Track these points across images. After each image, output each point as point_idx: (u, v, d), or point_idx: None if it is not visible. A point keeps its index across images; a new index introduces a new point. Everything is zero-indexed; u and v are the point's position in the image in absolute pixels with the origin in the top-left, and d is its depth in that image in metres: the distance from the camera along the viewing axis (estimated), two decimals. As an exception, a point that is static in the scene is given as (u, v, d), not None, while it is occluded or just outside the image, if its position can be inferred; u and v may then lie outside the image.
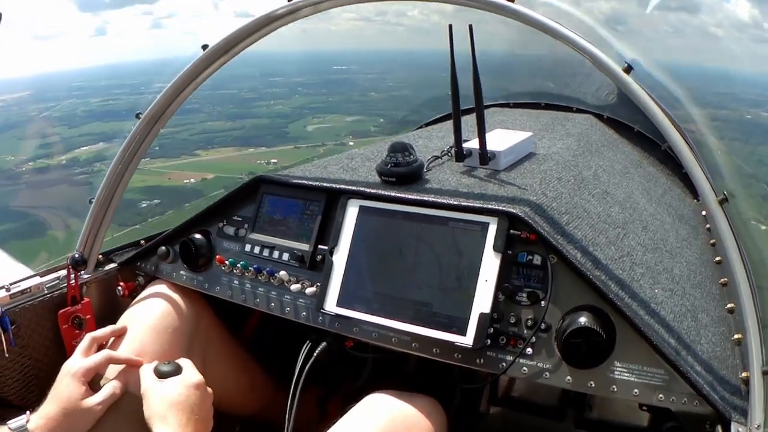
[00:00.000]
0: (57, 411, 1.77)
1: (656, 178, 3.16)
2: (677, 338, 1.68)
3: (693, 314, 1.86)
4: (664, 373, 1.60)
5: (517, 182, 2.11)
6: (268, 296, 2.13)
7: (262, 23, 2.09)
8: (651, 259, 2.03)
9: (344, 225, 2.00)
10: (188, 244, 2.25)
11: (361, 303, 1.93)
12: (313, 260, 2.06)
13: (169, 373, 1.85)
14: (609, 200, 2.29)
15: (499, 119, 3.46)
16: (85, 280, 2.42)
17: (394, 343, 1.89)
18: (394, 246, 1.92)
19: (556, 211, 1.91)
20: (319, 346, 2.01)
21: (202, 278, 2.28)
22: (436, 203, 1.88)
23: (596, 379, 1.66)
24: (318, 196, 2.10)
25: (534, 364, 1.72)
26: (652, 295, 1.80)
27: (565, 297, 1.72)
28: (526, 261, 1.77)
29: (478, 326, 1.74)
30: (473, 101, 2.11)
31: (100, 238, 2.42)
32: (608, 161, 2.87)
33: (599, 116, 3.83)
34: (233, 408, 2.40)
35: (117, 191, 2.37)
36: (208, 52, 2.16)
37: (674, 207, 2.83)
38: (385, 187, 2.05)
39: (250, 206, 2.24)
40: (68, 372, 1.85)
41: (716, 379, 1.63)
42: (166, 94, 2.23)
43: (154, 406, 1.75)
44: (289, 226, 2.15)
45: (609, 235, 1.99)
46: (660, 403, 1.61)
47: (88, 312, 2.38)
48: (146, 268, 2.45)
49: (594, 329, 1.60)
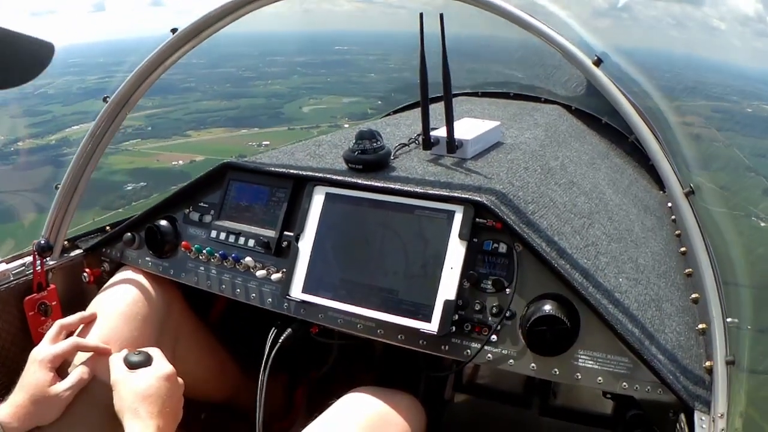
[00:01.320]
0: (25, 399, 1.75)
1: (623, 169, 3.18)
2: (641, 327, 1.69)
3: (657, 304, 1.88)
4: (628, 361, 1.61)
5: (484, 171, 2.11)
6: (233, 282, 2.12)
7: (230, 9, 2.07)
8: (616, 249, 2.04)
9: (310, 212, 1.99)
10: (153, 230, 2.22)
11: (326, 289, 1.92)
12: (279, 247, 2.05)
13: (139, 363, 1.82)
14: (575, 190, 2.30)
15: (468, 108, 3.47)
16: (51, 266, 2.38)
17: (359, 329, 1.89)
18: (360, 233, 1.92)
19: (522, 200, 1.91)
20: (284, 333, 2.00)
21: (167, 264, 2.25)
22: (402, 191, 1.87)
23: (560, 366, 1.67)
24: (284, 183, 2.09)
25: (499, 351, 1.73)
26: (617, 284, 1.81)
27: (530, 285, 1.73)
28: (492, 249, 1.77)
29: (443, 313, 1.74)
30: (442, 89, 2.10)
31: (66, 223, 2.38)
32: (575, 152, 2.88)
33: (567, 107, 3.85)
34: (200, 395, 2.39)
35: (83, 176, 2.33)
36: (177, 35, 2.13)
37: (640, 198, 2.86)
38: (352, 174, 2.04)
39: (216, 192, 2.22)
40: (35, 359, 1.83)
41: (680, 368, 1.65)
42: (133, 78, 2.19)
43: (125, 399, 1.73)
44: (255, 213, 2.13)
45: (574, 225, 2.00)
46: (624, 391, 1.63)
47: (53, 299, 2.35)
48: (112, 254, 2.41)
49: (558, 317, 1.61)
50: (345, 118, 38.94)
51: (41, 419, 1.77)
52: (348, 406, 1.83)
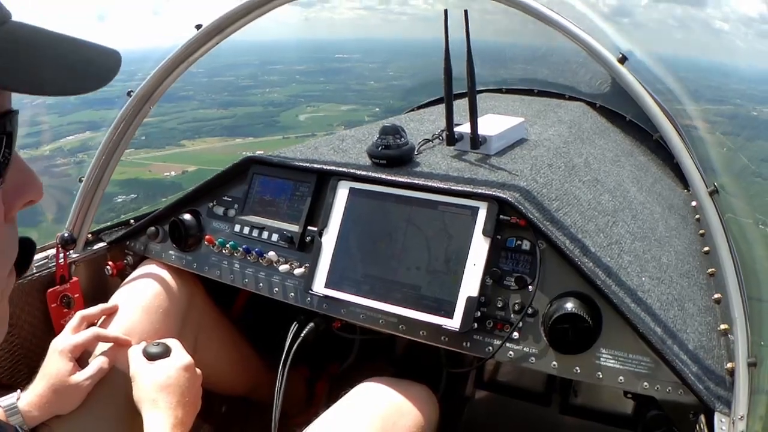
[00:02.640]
0: (46, 388, 1.76)
1: (647, 167, 3.16)
2: (663, 327, 1.68)
3: (680, 303, 1.87)
4: (649, 361, 1.61)
5: (508, 167, 2.11)
6: (256, 276, 2.13)
7: (255, 4, 2.08)
8: (639, 248, 2.03)
9: (334, 206, 1.99)
10: (177, 223, 2.24)
11: (349, 284, 1.93)
12: (303, 241, 2.06)
13: (158, 354, 1.83)
14: (599, 188, 2.29)
15: (492, 104, 3.46)
16: (74, 259, 2.40)
17: (381, 324, 1.89)
18: (384, 228, 1.92)
19: (546, 198, 1.91)
20: (306, 327, 2.01)
21: (191, 258, 2.27)
22: (426, 186, 1.87)
23: (582, 365, 1.66)
24: (308, 177, 2.10)
25: (520, 348, 1.73)
26: (640, 283, 1.80)
27: (552, 283, 1.73)
28: (515, 246, 1.78)
29: (466, 310, 1.74)
30: (466, 86, 2.10)
31: (90, 216, 2.40)
32: (599, 149, 2.87)
33: (592, 104, 3.83)
34: (221, 388, 2.41)
35: (107, 170, 2.35)
36: (202, 31, 2.15)
37: (664, 196, 2.84)
38: (376, 169, 2.04)
39: (240, 186, 2.23)
40: (56, 349, 1.84)
41: (701, 368, 1.64)
42: (158, 72, 2.21)
43: (144, 389, 1.75)
44: (279, 207, 2.14)
45: (598, 223, 1.99)
46: (645, 390, 1.62)
47: (76, 291, 2.37)
48: (135, 247, 2.43)
49: (581, 315, 1.60)
50: (341, 126, 39.02)
51: (61, 408, 1.78)
52: (361, 395, 1.85)
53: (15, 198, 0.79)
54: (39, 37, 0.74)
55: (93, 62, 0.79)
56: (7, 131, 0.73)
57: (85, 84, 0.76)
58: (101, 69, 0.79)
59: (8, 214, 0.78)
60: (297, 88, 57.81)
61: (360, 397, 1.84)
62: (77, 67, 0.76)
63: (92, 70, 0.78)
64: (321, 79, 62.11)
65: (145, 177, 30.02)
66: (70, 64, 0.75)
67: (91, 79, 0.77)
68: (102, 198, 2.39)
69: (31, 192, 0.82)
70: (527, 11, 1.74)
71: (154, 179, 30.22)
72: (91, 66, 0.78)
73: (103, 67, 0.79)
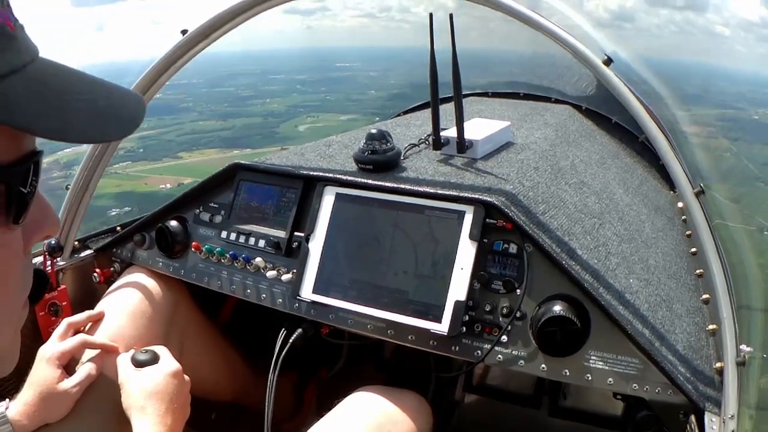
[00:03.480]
0: (34, 396, 1.76)
1: (633, 169, 3.17)
2: (652, 328, 1.69)
3: (668, 304, 1.87)
4: (638, 362, 1.61)
5: (494, 171, 2.11)
6: (244, 283, 2.12)
7: (240, 9, 2.07)
8: (626, 249, 2.04)
9: (320, 212, 1.99)
10: (164, 230, 2.23)
11: (336, 290, 1.92)
12: (290, 247, 2.05)
13: (146, 361, 1.83)
14: (585, 190, 2.30)
15: (478, 108, 3.46)
16: (62, 266, 2.39)
17: (369, 330, 1.89)
18: (371, 233, 1.92)
19: (533, 201, 1.91)
20: (294, 333, 2.00)
21: (178, 265, 2.26)
22: (412, 191, 1.87)
23: (571, 367, 1.66)
24: (295, 183, 2.09)
25: (509, 351, 1.73)
26: (627, 284, 1.81)
27: (540, 286, 1.73)
28: (502, 249, 1.77)
29: (454, 314, 1.74)
30: (452, 90, 2.10)
31: (77, 224, 2.39)
32: (585, 152, 2.87)
33: (578, 107, 3.83)
34: (210, 394, 2.39)
35: (93, 177, 2.34)
36: (188, 36, 2.14)
37: (650, 198, 2.85)
38: (362, 174, 2.04)
39: (226, 193, 2.22)
40: (43, 356, 1.83)
41: (690, 369, 1.64)
42: (144, 80, 2.20)
43: (132, 397, 1.74)
44: (265, 213, 2.13)
45: (585, 225, 1.99)
46: (634, 392, 1.62)
47: (64, 299, 2.36)
48: (122, 254, 2.42)
49: (569, 318, 1.60)
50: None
51: (50, 416, 1.77)
52: (354, 405, 1.84)
53: (34, 233, 0.80)
54: (68, 79, 0.75)
55: (117, 110, 0.79)
56: (33, 171, 0.74)
57: (106, 133, 0.77)
58: (124, 119, 0.79)
59: (26, 248, 0.80)
60: (297, 98, 57.68)
61: (352, 406, 1.84)
62: (102, 115, 0.76)
63: (115, 120, 0.78)
64: (322, 88, 62.00)
65: (140, 189, 29.96)
66: (97, 112, 0.75)
67: (114, 126, 0.78)
68: (88, 205, 2.38)
69: (49, 228, 0.83)
70: (513, 15, 1.75)
71: (150, 192, 30.15)
72: (115, 114, 0.79)
73: (126, 116, 0.80)
